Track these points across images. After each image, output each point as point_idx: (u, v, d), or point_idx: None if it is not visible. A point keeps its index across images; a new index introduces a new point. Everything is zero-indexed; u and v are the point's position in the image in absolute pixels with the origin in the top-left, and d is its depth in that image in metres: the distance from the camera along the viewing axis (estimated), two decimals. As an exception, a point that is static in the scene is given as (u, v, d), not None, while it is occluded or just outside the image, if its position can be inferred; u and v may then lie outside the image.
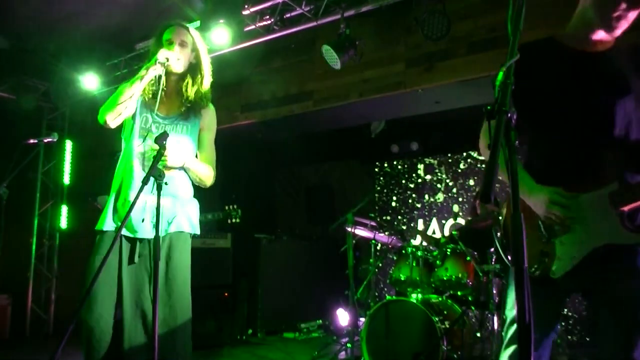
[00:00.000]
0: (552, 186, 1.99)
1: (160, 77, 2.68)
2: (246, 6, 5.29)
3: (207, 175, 2.89)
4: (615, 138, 1.93)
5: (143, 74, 2.68)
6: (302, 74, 6.04)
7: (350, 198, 7.52)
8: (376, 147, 7.70)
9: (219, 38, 5.40)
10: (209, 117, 2.98)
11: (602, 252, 1.89)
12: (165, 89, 2.77)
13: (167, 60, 2.68)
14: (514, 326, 1.99)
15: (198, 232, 2.88)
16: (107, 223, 2.70)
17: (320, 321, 7.11)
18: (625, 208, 1.84)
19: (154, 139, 2.54)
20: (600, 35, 1.99)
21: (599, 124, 1.96)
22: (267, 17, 5.42)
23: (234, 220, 4.55)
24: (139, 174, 2.70)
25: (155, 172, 2.45)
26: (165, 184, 2.53)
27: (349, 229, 5.17)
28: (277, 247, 7.08)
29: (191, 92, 2.85)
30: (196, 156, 2.95)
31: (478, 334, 4.56)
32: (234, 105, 6.57)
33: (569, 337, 5.03)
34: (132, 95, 2.68)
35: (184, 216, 2.80)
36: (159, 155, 2.48)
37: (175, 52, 2.78)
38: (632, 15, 1.93)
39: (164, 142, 2.48)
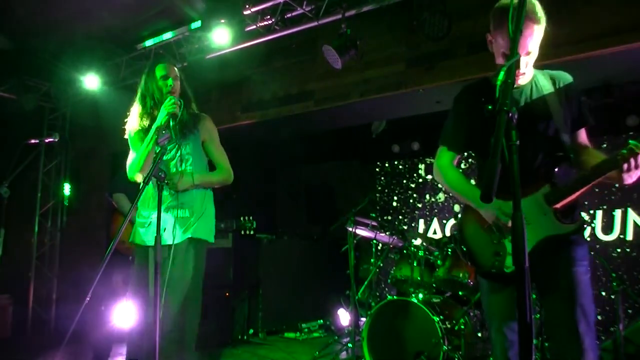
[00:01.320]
0: (499, 195, 2.14)
1: (172, 128, 3.07)
2: (247, 6, 5.29)
3: (219, 180, 3.29)
4: (544, 151, 2.29)
5: (150, 138, 3.07)
6: (302, 74, 6.04)
7: (350, 198, 7.52)
8: (377, 147, 7.70)
9: (219, 38, 5.41)
10: (205, 127, 3.33)
11: (546, 244, 2.22)
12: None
13: (177, 117, 3.07)
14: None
15: (212, 240, 3.27)
16: (135, 236, 3.18)
17: (322, 321, 7.11)
18: (558, 205, 2.21)
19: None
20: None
21: (528, 142, 2.20)
22: (268, 17, 5.42)
23: (247, 232, 4.56)
24: (154, 194, 3.12)
25: (157, 172, 2.49)
26: (166, 183, 2.68)
27: (350, 229, 5.17)
28: (277, 247, 7.09)
29: (183, 114, 3.16)
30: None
31: (479, 334, 4.56)
32: (234, 105, 6.58)
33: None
34: (152, 153, 3.07)
35: (200, 224, 3.17)
36: (159, 155, 2.58)
37: (175, 88, 3.22)
38: (530, 60, 2.27)
39: (165, 143, 2.63)
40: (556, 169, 2.25)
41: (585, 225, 2.37)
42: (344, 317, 6.51)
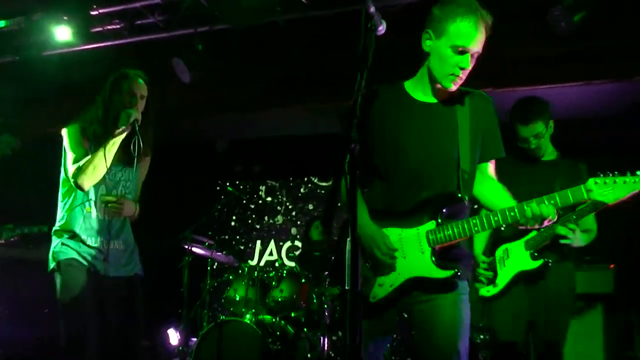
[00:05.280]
0: (384, 222, 2.14)
1: (136, 138, 2.79)
2: (95, 6, 5.04)
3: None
4: (438, 182, 2.12)
5: (114, 140, 2.78)
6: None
7: (187, 215, 7.37)
8: (221, 166, 7.64)
9: (61, 34, 5.11)
10: (147, 163, 3.18)
11: (417, 284, 2.09)
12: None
13: (137, 122, 2.78)
14: None
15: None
16: None
17: (146, 342, 6.79)
18: (437, 247, 2.06)
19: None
20: (441, 88, 2.14)
21: (425, 168, 2.13)
22: (117, 21, 5.20)
23: None
24: (94, 219, 2.94)
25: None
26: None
27: (186, 246, 5.06)
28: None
29: (145, 141, 2.91)
30: None
31: (309, 355, 4.66)
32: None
33: (393, 357, 5.31)
34: (107, 161, 2.77)
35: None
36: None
37: (139, 108, 2.88)
38: (464, 75, 2.09)
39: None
40: (444, 209, 2.09)
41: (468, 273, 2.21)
42: (173, 337, 6.30)
